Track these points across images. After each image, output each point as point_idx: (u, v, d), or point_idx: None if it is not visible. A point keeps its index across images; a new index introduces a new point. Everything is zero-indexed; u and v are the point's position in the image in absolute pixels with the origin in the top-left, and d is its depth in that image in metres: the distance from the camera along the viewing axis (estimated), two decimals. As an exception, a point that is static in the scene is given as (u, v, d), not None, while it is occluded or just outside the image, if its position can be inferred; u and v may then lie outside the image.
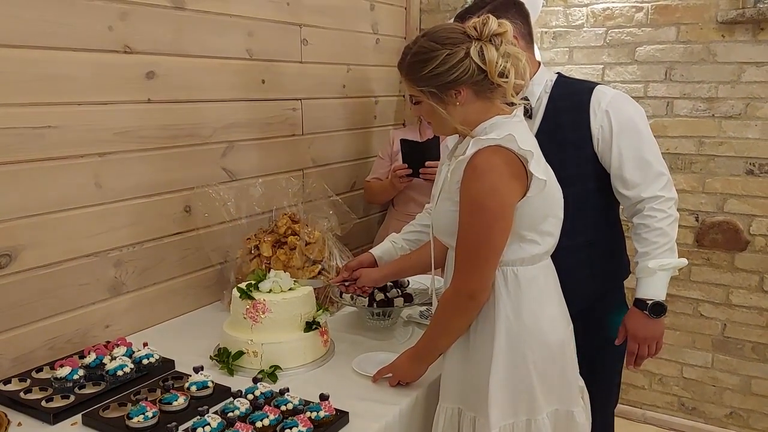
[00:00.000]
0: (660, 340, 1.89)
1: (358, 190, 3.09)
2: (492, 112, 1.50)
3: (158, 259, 2.10)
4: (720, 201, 2.86)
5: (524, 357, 1.51)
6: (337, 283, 1.98)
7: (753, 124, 2.75)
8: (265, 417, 1.42)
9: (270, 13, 2.45)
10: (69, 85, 1.78)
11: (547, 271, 1.59)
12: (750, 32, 2.68)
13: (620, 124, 1.81)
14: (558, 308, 1.61)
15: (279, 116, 2.56)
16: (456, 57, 1.43)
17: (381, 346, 1.92)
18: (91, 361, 1.68)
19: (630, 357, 1.90)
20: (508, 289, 1.51)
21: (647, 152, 1.82)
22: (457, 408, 1.59)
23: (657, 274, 1.80)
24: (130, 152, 1.97)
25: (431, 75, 1.46)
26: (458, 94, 1.47)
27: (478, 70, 1.44)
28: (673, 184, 1.85)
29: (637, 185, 1.81)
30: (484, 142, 1.43)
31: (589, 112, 1.83)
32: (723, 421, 3.01)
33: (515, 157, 1.42)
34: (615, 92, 1.87)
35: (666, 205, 1.80)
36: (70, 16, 1.76)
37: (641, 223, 1.82)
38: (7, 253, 1.68)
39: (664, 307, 1.83)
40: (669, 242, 1.80)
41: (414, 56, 1.49)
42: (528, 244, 1.51)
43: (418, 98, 1.53)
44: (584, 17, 2.99)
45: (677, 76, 2.85)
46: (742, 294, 2.88)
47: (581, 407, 1.61)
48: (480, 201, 1.43)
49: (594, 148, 1.84)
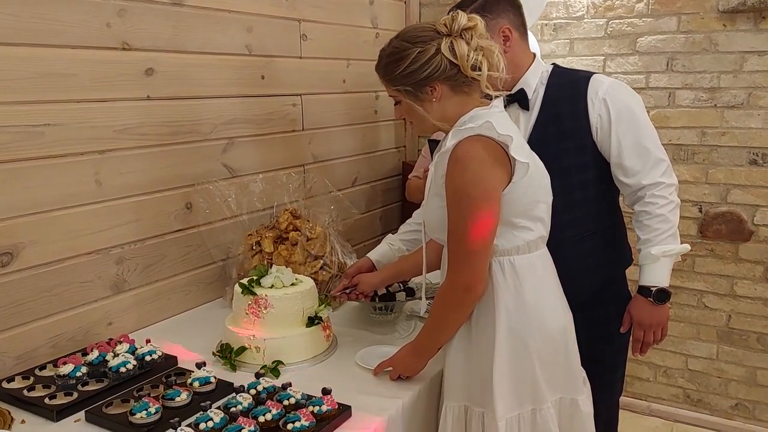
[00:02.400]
0: (665, 327, 1.89)
1: (359, 186, 3.08)
2: (470, 105, 1.52)
3: (160, 256, 2.10)
4: (723, 191, 2.85)
5: (526, 346, 1.51)
6: (338, 292, 1.99)
7: (756, 114, 2.73)
8: (267, 411, 1.42)
9: (269, 9, 2.45)
10: (68, 83, 1.78)
11: (545, 259, 1.59)
12: (751, 21, 2.66)
13: (618, 112, 1.81)
14: (557, 296, 1.61)
15: (279, 112, 2.55)
16: (427, 54, 1.46)
17: (383, 340, 1.92)
18: (94, 358, 1.68)
19: (636, 344, 1.90)
20: (506, 279, 1.51)
21: (646, 139, 1.81)
22: (463, 406, 1.59)
23: (660, 260, 1.79)
24: (130, 149, 1.97)
25: (405, 73, 1.49)
26: (434, 90, 1.49)
27: (450, 65, 1.46)
28: (673, 170, 1.84)
29: (637, 172, 1.80)
30: (464, 132, 1.45)
31: (587, 101, 1.83)
32: (728, 412, 3.00)
33: (496, 144, 1.43)
34: (611, 80, 1.87)
35: (667, 191, 1.80)
36: (68, 13, 1.76)
37: (642, 210, 1.81)
38: (9, 252, 1.68)
39: (668, 293, 1.82)
40: (671, 228, 1.80)
41: (388, 57, 1.54)
42: (521, 231, 1.51)
43: (397, 98, 1.57)
44: (585, 8, 2.98)
45: (679, 66, 2.83)
46: (746, 285, 2.87)
47: (586, 396, 1.61)
48: (465, 190, 1.43)
49: (593, 137, 1.84)
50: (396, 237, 2.08)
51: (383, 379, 1.68)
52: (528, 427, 1.53)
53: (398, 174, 3.36)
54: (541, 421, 1.52)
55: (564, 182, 1.81)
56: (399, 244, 2.05)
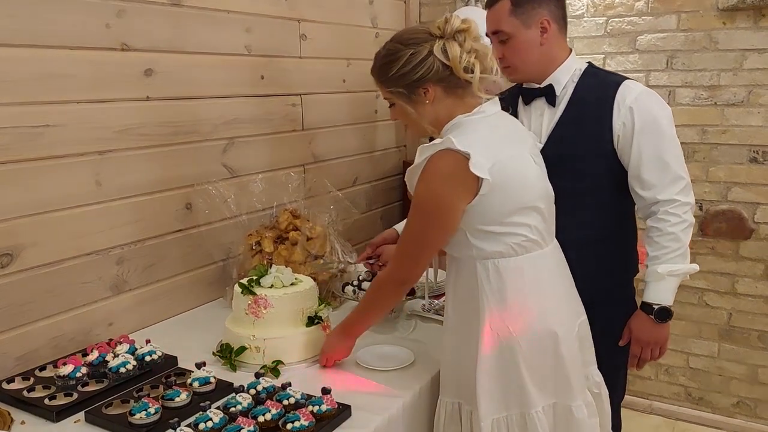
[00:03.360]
0: (664, 345, 1.87)
1: (360, 185, 3.08)
2: (460, 110, 1.53)
3: (160, 257, 2.10)
4: (724, 189, 2.84)
5: (511, 349, 1.51)
6: (362, 261, 2.05)
7: (756, 112, 2.73)
8: (267, 411, 1.42)
9: (268, 9, 2.45)
10: (67, 84, 1.78)
11: (539, 263, 1.56)
12: (751, 19, 2.66)
13: (643, 123, 1.76)
14: (553, 299, 1.58)
15: (279, 112, 2.55)
16: (420, 55, 1.48)
17: (384, 339, 1.92)
18: (94, 358, 1.69)
19: (633, 359, 1.89)
20: (490, 281, 1.52)
21: (668, 154, 1.76)
22: (457, 402, 1.61)
23: (665, 279, 1.76)
24: (130, 150, 1.97)
25: (398, 75, 1.51)
26: (426, 92, 1.51)
27: (443, 66, 1.48)
28: (691, 189, 1.79)
29: (653, 186, 1.77)
30: (429, 150, 1.49)
31: (613, 106, 1.78)
32: (730, 410, 3.00)
33: (463, 158, 1.43)
34: (642, 89, 1.82)
35: (681, 210, 1.75)
36: (67, 14, 1.76)
37: (654, 226, 1.78)
38: (9, 253, 1.68)
39: (670, 312, 1.81)
40: (681, 247, 1.76)
41: (382, 59, 1.56)
42: (503, 236, 1.51)
43: (391, 100, 1.59)
44: (584, 7, 2.97)
45: (679, 64, 2.83)
46: (747, 283, 2.87)
47: (582, 402, 1.58)
48: (420, 203, 1.51)
49: (614, 143, 1.80)
50: None
51: (384, 379, 1.68)
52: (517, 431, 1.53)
53: (399, 173, 3.36)
54: (530, 426, 1.52)
55: (577, 185, 1.79)
56: None
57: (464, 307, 1.57)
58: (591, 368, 1.70)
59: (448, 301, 1.64)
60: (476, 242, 1.52)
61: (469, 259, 1.55)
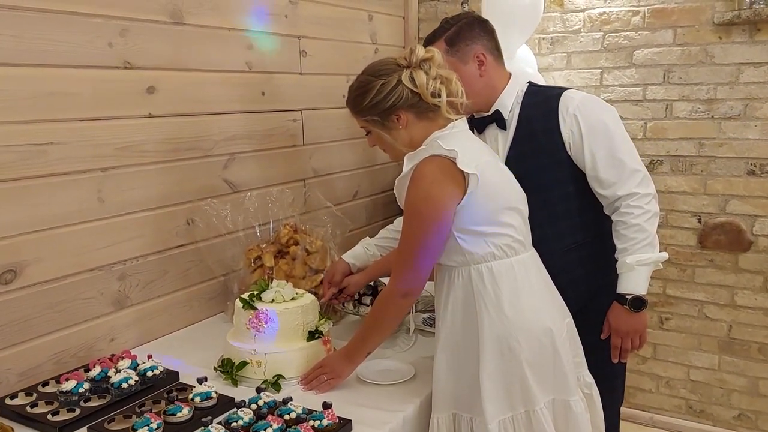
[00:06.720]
0: (643, 334, 1.91)
1: (360, 199, 3.10)
2: (433, 129, 1.61)
3: (162, 272, 2.12)
4: (722, 202, 2.86)
5: (512, 349, 1.56)
6: (328, 299, 2.04)
7: (753, 125, 2.75)
8: (268, 426, 1.43)
9: (269, 26, 2.48)
10: (70, 102, 1.80)
11: (528, 263, 1.64)
12: (747, 33, 2.69)
13: (589, 126, 1.84)
14: (542, 299, 1.64)
15: (280, 127, 2.58)
16: (389, 85, 1.58)
17: (384, 353, 1.93)
18: (97, 374, 1.69)
19: (614, 351, 1.93)
20: (485, 284, 1.58)
21: (620, 151, 1.83)
22: (451, 414, 1.63)
23: (635, 269, 1.81)
24: (132, 166, 1.99)
25: (371, 105, 1.61)
26: (399, 119, 1.60)
27: (411, 93, 1.58)
28: (650, 179, 1.86)
29: (612, 184, 1.83)
30: (416, 157, 1.57)
31: (558, 117, 1.86)
32: (731, 423, 3.00)
33: (449, 161, 1.52)
34: (583, 95, 1.90)
35: (643, 201, 1.81)
36: (70, 33, 1.79)
37: (619, 221, 1.84)
38: (12, 269, 1.70)
39: (643, 301, 1.85)
40: (647, 237, 1.81)
41: (355, 91, 1.65)
42: (491, 237, 1.58)
43: (367, 128, 1.68)
44: (581, 22, 3.01)
45: (675, 78, 2.86)
46: (746, 295, 2.88)
47: (579, 397, 1.64)
48: (415, 207, 1.55)
49: (567, 151, 1.87)
50: (372, 241, 2.13)
51: (385, 393, 1.69)
52: (523, 430, 1.57)
53: (398, 187, 3.37)
54: (536, 423, 1.56)
55: (545, 197, 1.86)
56: (374, 249, 2.10)
57: (459, 317, 1.62)
58: (581, 370, 1.74)
59: (440, 314, 1.67)
60: (467, 246, 1.57)
61: (462, 265, 1.61)
